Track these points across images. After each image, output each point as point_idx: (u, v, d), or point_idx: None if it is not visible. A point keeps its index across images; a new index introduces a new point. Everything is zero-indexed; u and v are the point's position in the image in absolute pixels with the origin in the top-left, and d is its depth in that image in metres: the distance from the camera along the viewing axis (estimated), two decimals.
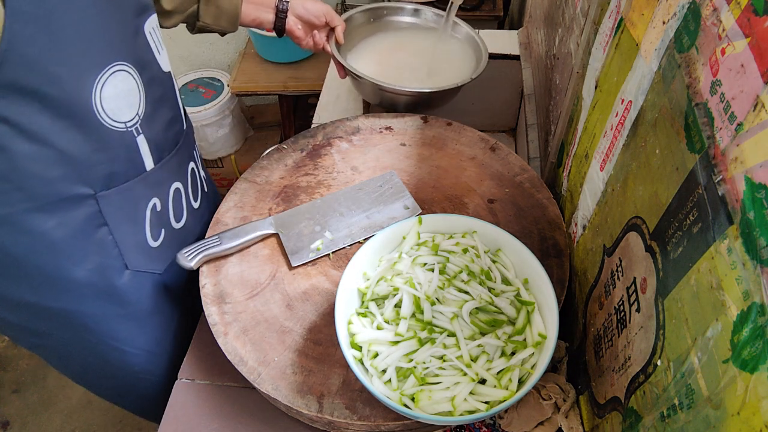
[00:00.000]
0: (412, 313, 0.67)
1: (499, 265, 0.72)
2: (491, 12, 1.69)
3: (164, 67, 0.78)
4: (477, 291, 0.68)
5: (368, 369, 0.64)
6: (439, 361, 0.64)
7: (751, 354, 0.33)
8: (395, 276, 0.70)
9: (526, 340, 0.66)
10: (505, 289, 0.70)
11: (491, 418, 0.71)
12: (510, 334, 0.66)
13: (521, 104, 1.28)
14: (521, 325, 0.66)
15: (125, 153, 0.72)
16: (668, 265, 0.46)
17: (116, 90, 0.66)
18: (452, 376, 0.62)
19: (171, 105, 0.82)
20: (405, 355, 0.64)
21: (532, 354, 0.64)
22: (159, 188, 0.80)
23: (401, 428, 0.67)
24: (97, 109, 0.64)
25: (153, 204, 0.79)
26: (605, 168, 0.64)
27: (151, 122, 0.75)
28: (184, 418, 0.75)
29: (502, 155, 0.95)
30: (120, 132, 0.69)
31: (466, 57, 1.13)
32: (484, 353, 0.64)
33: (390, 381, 0.63)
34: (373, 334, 0.66)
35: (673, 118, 0.46)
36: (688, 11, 0.45)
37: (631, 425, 0.51)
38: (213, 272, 0.81)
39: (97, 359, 0.86)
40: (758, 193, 0.33)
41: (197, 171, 0.93)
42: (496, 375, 0.63)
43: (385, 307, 0.68)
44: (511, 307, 0.68)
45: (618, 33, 0.62)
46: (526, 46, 1.28)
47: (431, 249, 0.73)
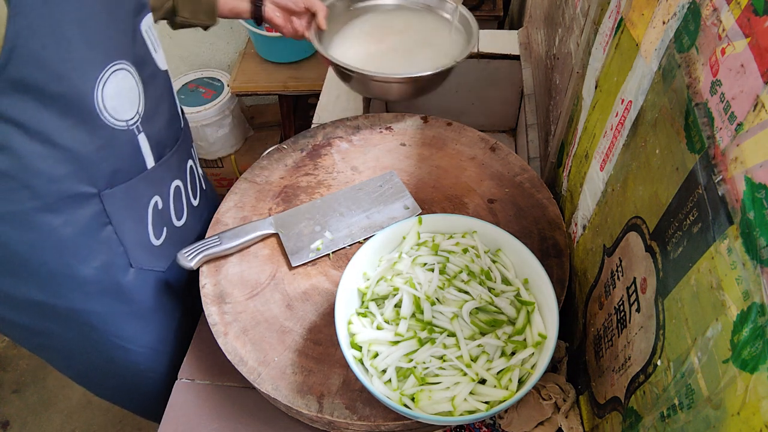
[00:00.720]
0: (412, 313, 0.67)
1: (499, 265, 0.72)
2: (491, 12, 1.69)
3: (161, 65, 0.79)
4: (477, 291, 0.68)
5: (368, 369, 0.64)
6: (439, 361, 0.64)
7: (751, 354, 0.33)
8: (395, 276, 0.70)
9: (526, 340, 0.66)
10: (505, 289, 0.70)
11: (491, 418, 0.71)
12: (510, 334, 0.66)
13: (521, 104, 1.28)
14: (521, 325, 0.66)
15: (127, 151, 0.72)
16: (668, 265, 0.46)
17: (117, 88, 0.67)
18: (452, 376, 0.62)
19: (169, 103, 0.82)
20: (405, 355, 0.64)
21: (532, 354, 0.64)
22: (160, 186, 0.81)
23: (401, 428, 0.67)
24: (100, 107, 0.65)
25: (155, 202, 0.80)
26: (605, 168, 0.64)
27: (152, 120, 0.75)
28: (184, 418, 0.75)
29: (502, 155, 0.95)
30: (122, 130, 0.70)
31: (455, 35, 1.07)
32: (484, 353, 0.64)
33: (390, 381, 0.63)
34: (373, 334, 0.66)
35: (673, 118, 0.46)
36: (688, 11, 0.45)
37: (631, 425, 0.51)
38: (213, 272, 0.81)
39: (101, 358, 0.86)
40: (758, 193, 0.33)
41: (195, 169, 0.93)
42: (496, 375, 0.63)
43: (385, 307, 0.68)
44: (511, 307, 0.68)
45: (618, 33, 0.62)
46: (526, 46, 1.28)
47: (431, 249, 0.73)
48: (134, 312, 0.83)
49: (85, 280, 0.74)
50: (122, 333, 0.84)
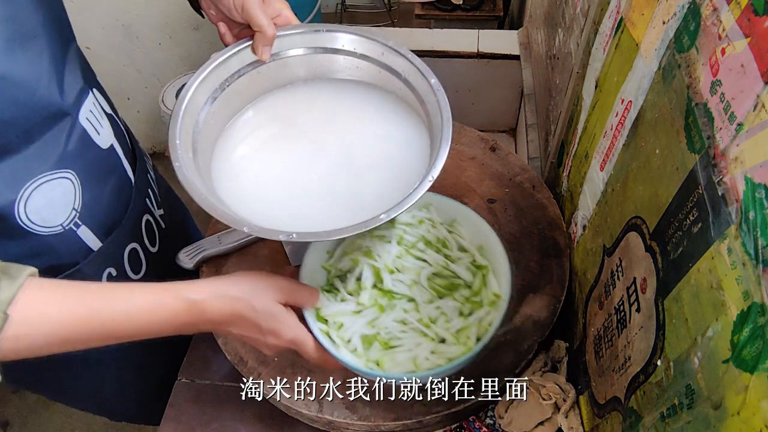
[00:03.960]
0: (374, 284, 0.69)
1: (455, 235, 0.75)
2: (491, 12, 1.69)
3: (104, 145, 0.71)
4: (433, 258, 0.71)
5: (335, 340, 0.66)
6: (400, 325, 0.67)
7: (751, 354, 0.33)
8: (355, 250, 0.72)
9: (482, 301, 0.69)
10: (462, 255, 0.73)
11: (491, 418, 0.71)
12: (467, 297, 0.70)
13: (521, 104, 1.28)
14: (477, 287, 0.70)
15: (65, 248, 0.67)
16: (668, 265, 0.46)
17: (46, 199, 0.62)
18: (414, 338, 0.66)
19: (116, 174, 0.75)
20: (368, 322, 0.66)
21: (488, 312, 0.68)
22: (112, 259, 0.75)
23: (401, 428, 0.67)
24: (23, 220, 0.61)
25: (107, 273, 0.75)
26: (605, 168, 0.64)
27: (94, 208, 0.70)
28: (184, 418, 0.75)
29: (502, 155, 0.95)
30: (55, 234, 0.65)
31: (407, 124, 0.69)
32: (443, 314, 0.67)
33: (356, 350, 0.65)
34: (338, 307, 0.68)
35: (673, 118, 0.46)
36: (688, 11, 0.45)
37: (631, 425, 0.51)
38: (213, 272, 0.81)
39: (96, 386, 0.86)
40: (758, 193, 0.33)
41: (153, 215, 0.85)
42: (454, 334, 0.66)
43: (348, 281, 0.70)
44: (467, 272, 0.71)
45: (618, 33, 0.62)
46: (526, 46, 1.28)
47: (389, 223, 0.74)
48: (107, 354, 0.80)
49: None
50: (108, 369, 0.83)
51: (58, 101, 0.62)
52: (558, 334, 0.76)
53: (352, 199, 0.64)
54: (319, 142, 0.68)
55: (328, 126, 0.70)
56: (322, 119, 0.70)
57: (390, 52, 0.66)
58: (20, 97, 0.57)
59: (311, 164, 0.67)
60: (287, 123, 0.70)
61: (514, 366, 0.70)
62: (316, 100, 0.71)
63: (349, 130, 0.69)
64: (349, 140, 0.68)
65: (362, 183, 0.65)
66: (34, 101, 0.59)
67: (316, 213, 0.64)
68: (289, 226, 0.57)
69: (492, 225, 0.72)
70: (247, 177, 0.66)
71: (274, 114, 0.71)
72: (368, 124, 0.70)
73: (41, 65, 0.59)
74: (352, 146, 0.68)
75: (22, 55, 0.57)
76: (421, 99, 0.66)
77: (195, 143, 0.63)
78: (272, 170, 0.67)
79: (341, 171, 0.66)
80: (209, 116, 0.66)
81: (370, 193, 0.64)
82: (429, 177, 0.57)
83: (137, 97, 1.97)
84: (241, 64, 0.67)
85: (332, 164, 0.67)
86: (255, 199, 0.64)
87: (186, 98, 0.63)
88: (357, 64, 0.69)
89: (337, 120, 0.70)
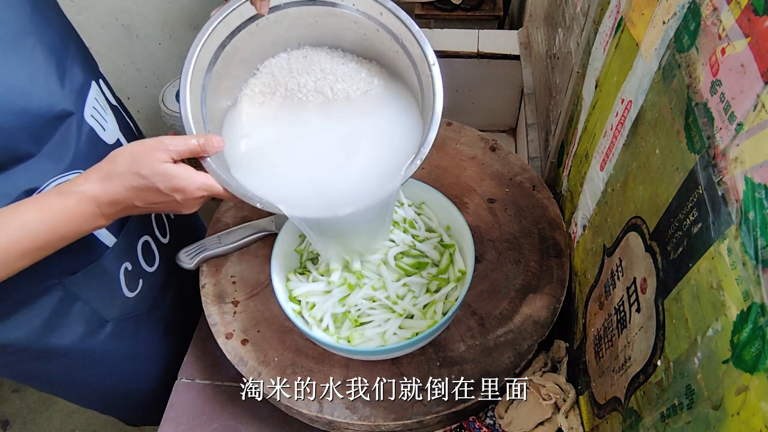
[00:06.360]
0: (345, 265, 0.72)
1: (424, 216, 0.78)
2: (491, 12, 1.69)
3: (110, 140, 0.73)
4: (400, 237, 0.74)
5: (307, 320, 0.69)
6: (369, 303, 0.69)
7: (751, 354, 0.32)
8: None
9: (449, 278, 0.72)
10: (429, 236, 0.76)
11: (491, 419, 0.71)
12: (434, 275, 0.73)
13: (521, 104, 1.28)
14: (444, 265, 0.73)
15: (81, 247, 0.68)
16: (668, 265, 0.46)
17: None
18: (382, 314, 0.69)
19: None
20: (339, 300, 0.69)
21: (454, 288, 0.71)
22: (127, 253, 0.78)
23: (401, 428, 0.67)
24: None
25: (124, 267, 0.77)
26: (605, 168, 0.64)
27: None
28: (184, 418, 0.75)
29: (502, 155, 0.95)
30: None
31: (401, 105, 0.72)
32: (410, 291, 0.71)
33: (327, 328, 0.68)
34: (309, 287, 0.71)
35: (673, 118, 0.46)
36: (688, 11, 0.45)
37: (631, 425, 0.51)
38: (213, 272, 0.81)
39: (94, 384, 0.87)
40: (758, 193, 0.33)
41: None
42: (422, 309, 0.69)
43: (319, 263, 0.73)
44: (434, 251, 0.75)
45: (618, 33, 0.62)
46: (526, 46, 1.28)
47: None
48: (116, 351, 0.83)
49: (66, 348, 0.74)
50: (107, 368, 0.84)
51: (58, 99, 0.62)
52: (558, 334, 0.76)
53: (345, 177, 0.67)
54: (316, 122, 0.70)
55: (326, 106, 0.71)
56: (320, 100, 0.71)
57: (389, 14, 0.67)
58: (18, 103, 0.57)
59: (308, 142, 0.69)
60: (289, 98, 0.72)
61: (514, 366, 0.70)
62: (314, 66, 0.72)
63: (348, 112, 0.71)
64: (350, 125, 0.70)
65: (356, 163, 0.67)
66: (33, 105, 0.59)
67: (310, 189, 0.66)
68: (282, 194, 0.62)
69: (492, 225, 0.73)
70: (249, 145, 0.69)
71: (276, 84, 0.72)
72: (368, 108, 0.71)
73: (34, 64, 0.59)
74: (352, 131, 0.70)
75: (13, 56, 0.57)
76: (414, 64, 0.68)
77: (203, 109, 0.66)
78: (270, 140, 0.70)
79: (337, 151, 0.69)
80: (214, 77, 0.68)
81: (362, 169, 0.67)
82: (417, 160, 0.63)
83: (137, 97, 1.97)
84: (240, 20, 0.67)
85: (329, 145, 0.69)
86: (254, 166, 0.67)
87: (192, 60, 0.67)
88: (355, 19, 0.69)
89: (336, 102, 0.71)
